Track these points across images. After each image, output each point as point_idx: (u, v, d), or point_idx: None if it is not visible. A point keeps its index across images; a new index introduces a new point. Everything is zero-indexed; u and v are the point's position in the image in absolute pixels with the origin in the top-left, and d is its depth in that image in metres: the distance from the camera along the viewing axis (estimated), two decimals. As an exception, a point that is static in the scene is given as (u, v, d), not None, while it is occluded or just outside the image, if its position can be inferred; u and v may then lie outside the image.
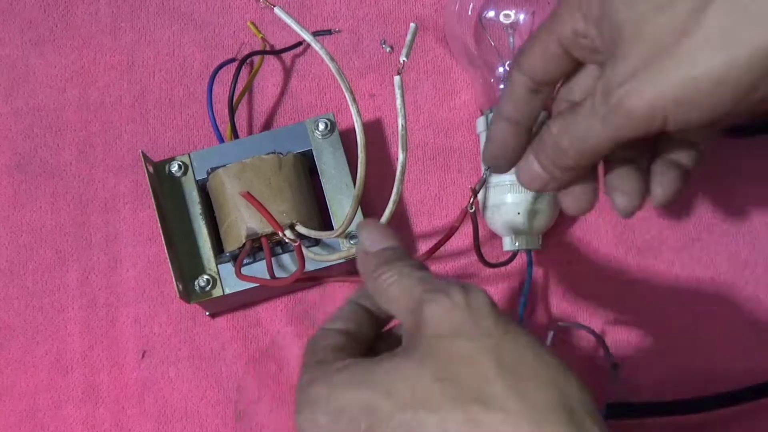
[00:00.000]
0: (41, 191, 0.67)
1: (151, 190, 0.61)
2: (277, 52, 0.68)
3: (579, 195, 0.51)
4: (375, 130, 0.68)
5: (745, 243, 0.64)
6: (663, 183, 0.51)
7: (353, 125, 0.56)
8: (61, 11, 0.70)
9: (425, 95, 0.68)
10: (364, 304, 0.50)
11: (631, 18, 0.45)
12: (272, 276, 0.60)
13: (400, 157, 0.54)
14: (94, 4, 0.70)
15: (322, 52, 0.56)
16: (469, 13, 0.64)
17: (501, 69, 0.63)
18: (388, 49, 0.69)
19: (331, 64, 0.56)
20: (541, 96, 0.52)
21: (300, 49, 0.69)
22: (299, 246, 0.59)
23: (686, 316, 0.63)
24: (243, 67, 0.66)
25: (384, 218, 0.56)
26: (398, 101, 0.53)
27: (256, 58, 0.68)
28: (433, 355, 0.42)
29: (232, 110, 0.65)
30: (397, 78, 0.52)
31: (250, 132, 0.68)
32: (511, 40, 0.63)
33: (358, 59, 0.69)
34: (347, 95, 0.56)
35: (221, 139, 0.65)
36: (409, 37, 0.53)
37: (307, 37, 0.57)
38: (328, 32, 0.68)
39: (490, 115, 0.62)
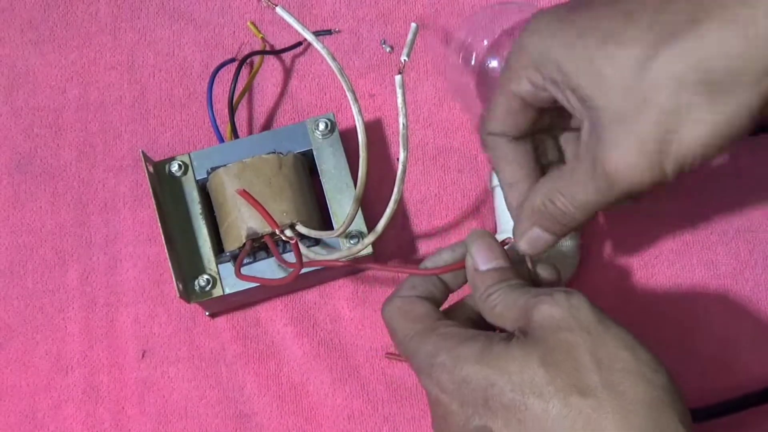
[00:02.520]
0: (41, 191, 0.67)
1: (151, 190, 0.61)
2: (277, 52, 0.68)
3: None
4: (375, 130, 0.68)
5: (745, 243, 0.64)
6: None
7: (353, 125, 0.56)
8: (61, 11, 0.70)
9: (425, 95, 0.68)
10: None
11: (598, 93, 0.47)
12: (282, 262, 0.59)
13: (402, 156, 0.54)
14: (94, 4, 0.70)
15: (323, 52, 0.56)
16: (473, 62, 0.64)
17: None
18: (388, 49, 0.69)
19: (332, 64, 0.56)
20: (526, 143, 0.54)
21: (300, 49, 0.69)
22: (296, 243, 0.59)
23: (686, 317, 0.63)
24: (243, 67, 0.66)
25: (384, 218, 0.56)
26: (399, 100, 0.53)
27: (256, 58, 0.68)
28: (540, 343, 0.47)
29: (232, 110, 0.65)
30: (398, 77, 0.52)
31: (250, 132, 0.68)
32: None
33: (358, 59, 0.69)
34: (348, 95, 0.56)
35: (221, 139, 0.65)
36: (410, 37, 0.53)
37: (309, 37, 0.57)
38: (328, 32, 0.68)
39: None
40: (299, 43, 0.68)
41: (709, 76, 0.45)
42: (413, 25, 0.54)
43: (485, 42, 0.63)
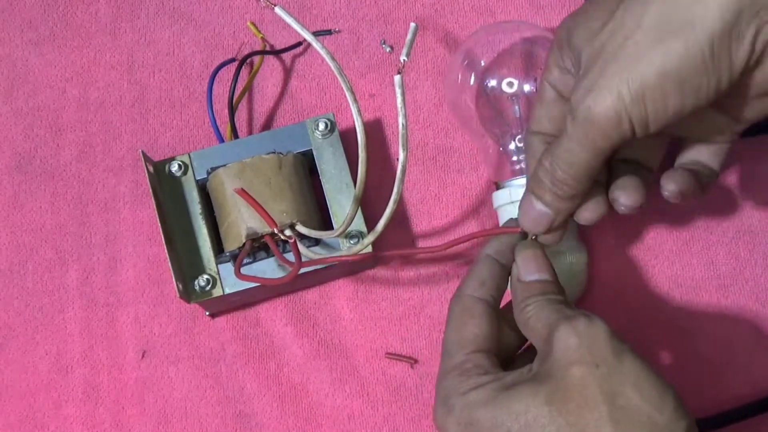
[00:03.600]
0: (41, 191, 0.67)
1: (151, 190, 0.61)
2: (277, 52, 0.68)
3: (592, 207, 0.53)
4: (375, 130, 0.68)
5: (745, 243, 0.64)
6: (675, 179, 0.53)
7: (353, 125, 0.56)
8: (61, 11, 0.70)
9: (425, 95, 0.68)
10: (501, 260, 0.54)
11: (586, 38, 0.49)
12: (283, 261, 0.59)
13: (401, 156, 0.54)
14: (94, 4, 0.70)
15: (322, 52, 0.56)
16: (472, 82, 0.64)
17: (512, 144, 0.62)
18: (388, 49, 0.69)
19: (332, 64, 0.56)
20: None
21: (300, 49, 0.69)
22: (294, 243, 0.59)
23: (685, 317, 0.63)
24: (243, 67, 0.66)
25: (384, 218, 0.56)
26: (399, 100, 0.53)
27: (256, 58, 0.68)
28: (550, 379, 0.47)
29: (232, 110, 0.65)
30: (397, 77, 0.52)
31: (250, 132, 0.68)
32: (517, 108, 0.62)
33: (358, 59, 0.69)
34: (348, 95, 0.56)
35: (221, 139, 0.65)
36: (409, 37, 0.53)
37: (308, 37, 0.57)
38: (328, 32, 0.68)
39: (511, 189, 0.62)
40: (299, 43, 0.68)
41: (668, 22, 0.45)
42: (412, 24, 0.54)
43: (483, 62, 0.63)
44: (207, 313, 0.65)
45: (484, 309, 0.53)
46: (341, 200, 0.63)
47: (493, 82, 0.63)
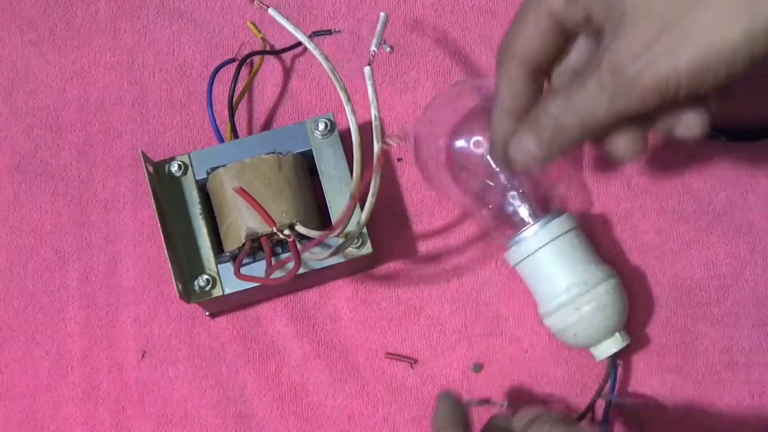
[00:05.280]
0: (41, 191, 0.67)
1: (151, 190, 0.61)
2: (277, 52, 0.68)
3: (629, 142, 0.50)
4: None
5: (745, 243, 0.64)
6: (687, 124, 0.50)
7: (353, 125, 0.56)
8: (61, 11, 0.70)
9: (425, 95, 0.68)
10: None
11: None
12: (270, 266, 0.59)
13: (375, 147, 0.54)
14: (94, 4, 0.70)
15: (316, 52, 0.56)
16: (440, 144, 0.62)
17: (504, 198, 0.61)
18: (388, 49, 0.68)
19: (325, 64, 0.56)
20: (539, 84, 0.52)
21: (300, 49, 0.69)
22: (293, 242, 0.59)
23: (686, 317, 0.63)
24: (243, 67, 0.66)
25: (365, 211, 0.56)
26: (369, 92, 0.53)
27: (256, 58, 0.68)
28: None
29: (232, 110, 0.65)
30: (367, 69, 0.52)
31: (250, 132, 0.68)
32: (491, 164, 0.60)
33: (358, 59, 0.69)
34: (341, 95, 0.56)
35: (221, 139, 0.65)
36: (378, 27, 0.53)
37: (301, 38, 0.57)
38: (328, 32, 0.68)
39: (520, 243, 0.60)
40: (299, 43, 0.68)
41: None
42: (382, 14, 0.53)
43: (445, 133, 0.62)
44: (207, 313, 0.65)
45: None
46: (341, 200, 0.63)
47: (461, 142, 0.61)
